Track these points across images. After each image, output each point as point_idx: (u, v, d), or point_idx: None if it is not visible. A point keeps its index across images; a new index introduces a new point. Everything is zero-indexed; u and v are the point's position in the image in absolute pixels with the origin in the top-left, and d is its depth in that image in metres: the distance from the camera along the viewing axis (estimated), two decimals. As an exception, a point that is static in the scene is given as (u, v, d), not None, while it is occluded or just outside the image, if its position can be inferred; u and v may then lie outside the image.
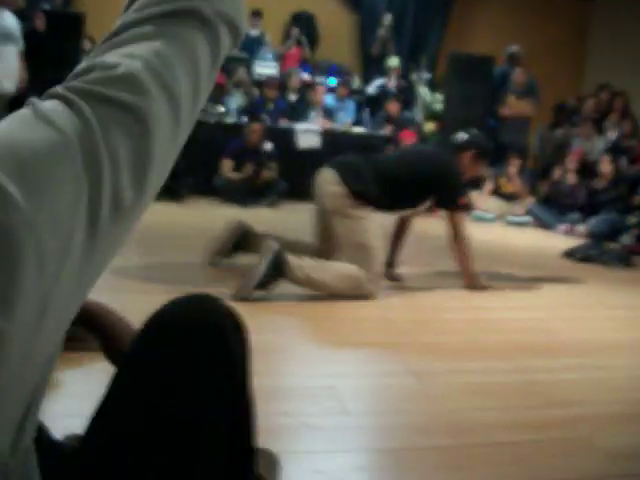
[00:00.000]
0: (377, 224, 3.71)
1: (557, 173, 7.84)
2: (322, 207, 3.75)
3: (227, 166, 7.33)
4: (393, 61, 9.36)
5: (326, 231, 3.77)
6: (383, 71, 9.48)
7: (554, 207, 7.56)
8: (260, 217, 5.87)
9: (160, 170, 0.62)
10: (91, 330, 1.17)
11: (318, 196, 3.76)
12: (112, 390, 0.97)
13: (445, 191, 3.86)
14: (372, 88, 9.46)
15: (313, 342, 2.83)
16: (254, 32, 9.33)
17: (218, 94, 7.99)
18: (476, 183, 5.99)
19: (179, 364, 0.98)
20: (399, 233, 4.26)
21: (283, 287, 3.39)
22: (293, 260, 3.40)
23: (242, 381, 1.07)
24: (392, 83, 9.25)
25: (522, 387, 2.43)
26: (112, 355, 1.16)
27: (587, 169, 7.84)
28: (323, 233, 3.82)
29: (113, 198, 0.56)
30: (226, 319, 1.03)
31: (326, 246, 3.79)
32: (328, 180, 3.68)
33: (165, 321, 1.01)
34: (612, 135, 8.44)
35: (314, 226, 3.89)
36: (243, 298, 3.22)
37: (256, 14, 9.21)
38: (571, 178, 7.65)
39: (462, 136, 4.14)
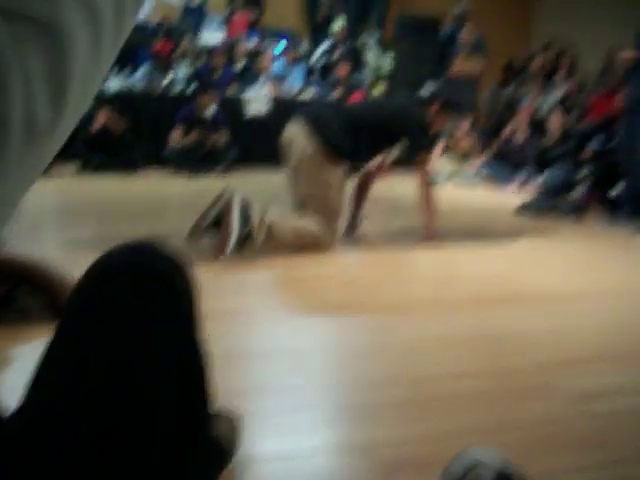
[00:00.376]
0: (343, 182, 3.67)
1: (507, 131, 7.89)
2: (291, 162, 3.65)
3: (177, 134, 7.20)
4: (337, 25, 9.23)
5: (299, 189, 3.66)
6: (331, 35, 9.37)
7: (505, 165, 7.61)
8: (214, 185, 5.78)
9: (81, 92, 0.56)
10: (33, 286, 1.13)
11: (287, 151, 3.66)
12: (53, 344, 0.91)
13: (417, 134, 3.84)
14: (316, 58, 9.28)
15: (270, 304, 2.78)
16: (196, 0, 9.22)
17: (165, 64, 7.83)
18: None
19: (123, 313, 0.91)
20: (360, 194, 4.25)
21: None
22: (257, 214, 3.36)
23: (191, 328, 1.01)
24: (337, 51, 9.11)
25: (486, 337, 2.42)
26: (57, 310, 1.11)
27: (537, 126, 7.90)
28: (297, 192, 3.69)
29: (26, 117, 0.50)
30: (170, 263, 0.97)
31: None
32: (297, 134, 3.60)
33: (105, 269, 0.95)
34: (560, 92, 8.50)
35: (289, 186, 3.74)
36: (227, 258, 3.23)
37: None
38: (522, 135, 7.70)
39: (427, 89, 4.15)
